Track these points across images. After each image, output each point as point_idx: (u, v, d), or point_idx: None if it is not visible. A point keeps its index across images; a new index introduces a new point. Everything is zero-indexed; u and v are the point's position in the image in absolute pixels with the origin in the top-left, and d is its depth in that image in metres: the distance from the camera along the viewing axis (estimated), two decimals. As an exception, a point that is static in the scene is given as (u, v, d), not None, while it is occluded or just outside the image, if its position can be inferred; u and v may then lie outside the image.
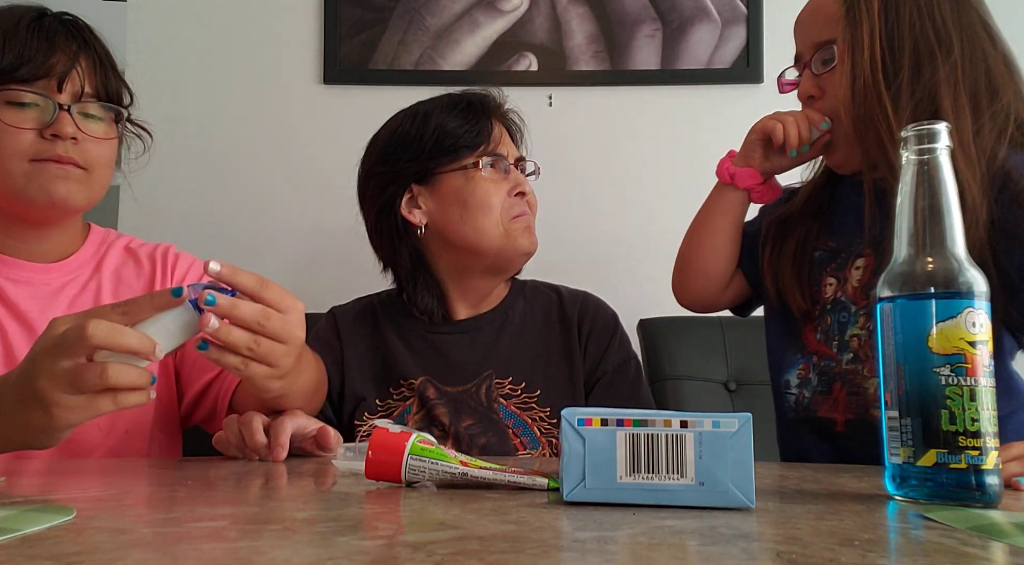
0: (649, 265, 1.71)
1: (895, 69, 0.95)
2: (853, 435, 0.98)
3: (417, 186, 1.18)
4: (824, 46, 1.00)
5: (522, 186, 1.19)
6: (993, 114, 0.93)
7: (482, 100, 1.21)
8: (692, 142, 1.75)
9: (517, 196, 1.18)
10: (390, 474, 0.62)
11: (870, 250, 1.01)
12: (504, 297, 1.25)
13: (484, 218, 1.15)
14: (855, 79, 0.96)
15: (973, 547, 0.42)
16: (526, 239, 1.18)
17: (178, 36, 1.80)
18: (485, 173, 1.16)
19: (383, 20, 1.77)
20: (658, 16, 1.77)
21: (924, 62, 0.94)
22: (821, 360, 1.03)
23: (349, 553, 0.38)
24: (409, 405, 1.15)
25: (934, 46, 0.94)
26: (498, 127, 1.20)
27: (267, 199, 1.76)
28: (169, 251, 1.16)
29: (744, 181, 1.09)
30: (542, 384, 1.16)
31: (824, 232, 1.08)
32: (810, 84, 1.03)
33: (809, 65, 1.03)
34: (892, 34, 0.95)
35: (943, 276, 0.58)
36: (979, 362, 0.56)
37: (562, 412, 0.55)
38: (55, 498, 0.57)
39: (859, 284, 1.00)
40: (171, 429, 1.12)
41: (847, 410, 0.98)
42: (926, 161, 0.60)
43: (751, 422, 0.54)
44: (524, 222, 1.18)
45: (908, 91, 0.94)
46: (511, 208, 1.17)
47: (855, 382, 0.98)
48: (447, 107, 1.19)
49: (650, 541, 0.42)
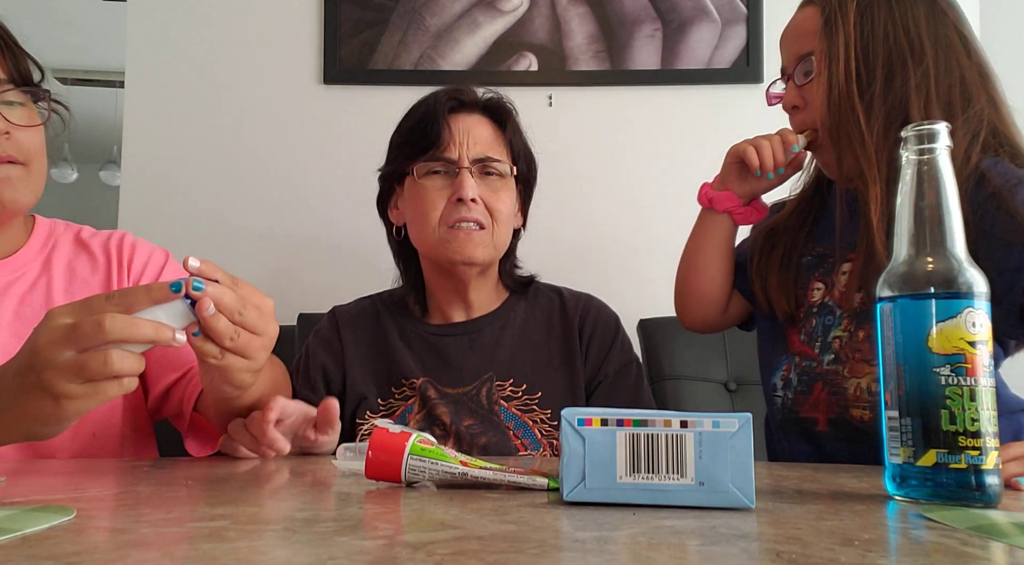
0: (649, 265, 1.72)
1: (869, 79, 0.97)
2: (835, 435, 0.99)
3: (397, 187, 1.23)
4: (805, 58, 1.03)
5: (460, 192, 1.13)
6: (967, 119, 0.95)
7: (436, 100, 1.18)
8: (692, 142, 1.76)
9: (458, 202, 1.14)
10: (390, 474, 0.62)
11: (855, 254, 1.02)
12: (506, 299, 1.25)
13: (421, 223, 1.16)
14: (831, 89, 0.98)
15: (973, 547, 0.42)
16: (458, 252, 1.14)
17: (178, 36, 1.80)
18: (422, 180, 1.16)
19: (383, 20, 1.77)
20: (658, 16, 1.77)
21: (896, 70, 0.96)
22: (803, 360, 1.04)
23: (349, 553, 0.38)
24: (411, 404, 1.15)
25: (906, 54, 0.96)
26: (457, 127, 1.16)
27: (267, 199, 1.76)
28: (124, 240, 1.10)
29: (722, 204, 1.11)
30: (543, 386, 1.16)
31: (811, 239, 1.10)
32: (793, 95, 1.05)
33: (792, 77, 1.05)
34: (867, 44, 0.98)
35: (943, 276, 0.58)
36: (979, 362, 0.56)
37: (562, 412, 0.55)
38: (55, 498, 0.57)
39: (845, 289, 1.02)
40: (142, 428, 1.09)
41: (828, 410, 1.00)
42: (926, 161, 0.60)
43: (751, 422, 0.54)
44: (462, 233, 1.14)
45: (881, 100, 0.96)
46: (449, 216, 1.14)
47: (835, 382, 1.00)
48: (416, 107, 1.21)
49: (650, 541, 0.42)
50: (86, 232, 1.11)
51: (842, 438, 0.99)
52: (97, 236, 1.11)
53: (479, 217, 1.15)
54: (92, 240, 1.10)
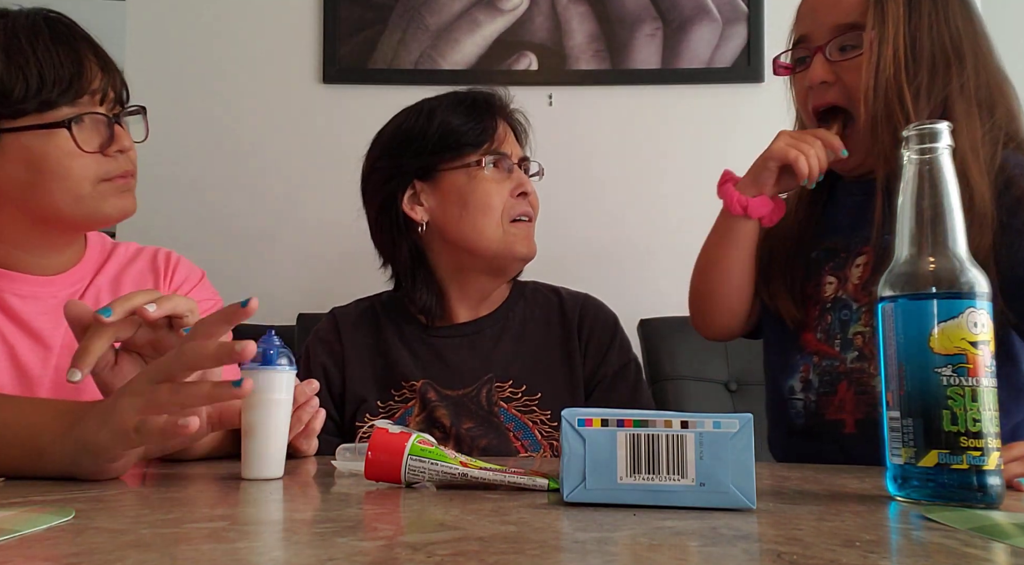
0: (649, 265, 1.71)
1: (915, 70, 0.94)
2: (864, 437, 0.95)
3: (420, 182, 1.18)
4: (848, 31, 0.96)
5: (524, 186, 1.18)
6: (994, 124, 0.94)
7: (487, 98, 1.20)
8: (693, 141, 1.75)
9: (519, 196, 1.17)
10: (390, 475, 0.62)
11: (870, 247, 1.00)
12: (504, 299, 1.25)
13: (484, 218, 1.14)
14: (880, 72, 0.93)
15: (975, 548, 0.42)
16: (524, 245, 1.16)
17: (178, 36, 1.80)
18: (487, 172, 1.15)
19: (383, 19, 1.77)
20: (658, 15, 1.76)
21: (940, 68, 0.94)
22: (823, 360, 1.01)
23: (349, 553, 0.38)
24: (410, 407, 1.15)
25: (950, 54, 0.94)
26: (503, 126, 1.19)
27: (266, 198, 1.76)
28: (171, 258, 1.13)
29: (758, 211, 1.02)
30: (543, 387, 1.16)
31: (819, 234, 1.07)
32: (826, 70, 0.98)
33: (824, 49, 0.98)
34: (915, 34, 0.94)
35: (945, 276, 0.58)
36: (981, 362, 0.56)
37: (562, 413, 0.55)
38: (55, 498, 0.57)
39: (860, 281, 1.00)
40: None
41: (856, 410, 0.97)
42: (927, 161, 0.60)
43: (752, 423, 0.54)
44: (524, 227, 1.17)
45: (926, 94, 0.94)
46: (512, 209, 1.16)
47: (862, 381, 0.97)
48: (452, 104, 1.19)
49: (651, 542, 0.42)
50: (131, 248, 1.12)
51: (871, 439, 0.94)
52: (143, 252, 1.12)
53: (533, 212, 1.19)
54: (138, 256, 1.11)
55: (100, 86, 0.94)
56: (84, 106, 0.92)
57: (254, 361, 0.70)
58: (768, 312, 1.11)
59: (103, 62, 0.96)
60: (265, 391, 0.70)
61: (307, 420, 0.91)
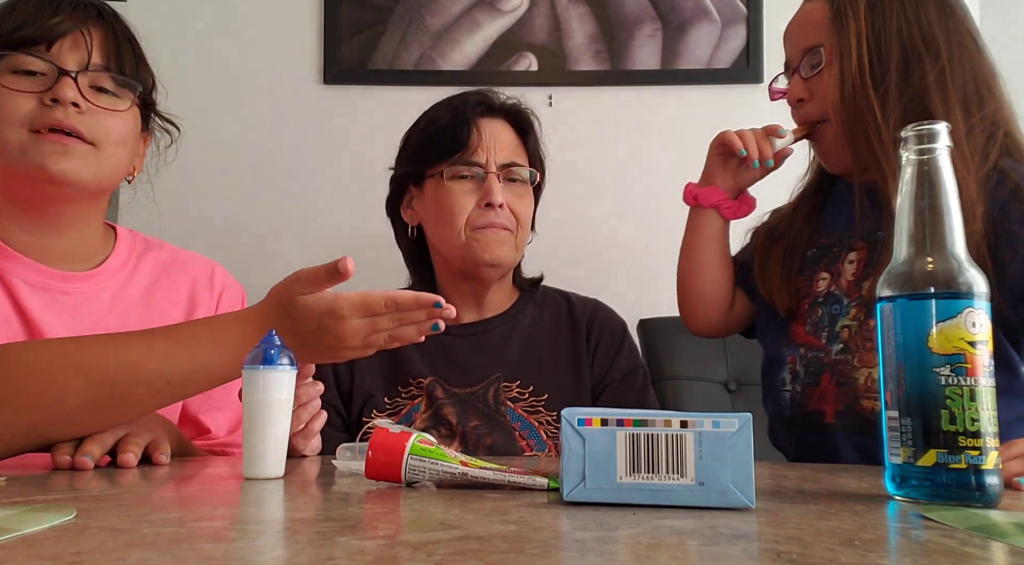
0: (649, 265, 1.71)
1: (882, 72, 0.97)
2: (843, 427, 0.98)
3: (413, 188, 1.22)
4: (812, 50, 1.03)
5: (491, 197, 1.14)
6: (983, 116, 0.96)
7: (466, 104, 1.18)
8: (692, 142, 1.74)
9: (487, 207, 1.15)
10: (390, 474, 0.62)
11: (862, 243, 1.02)
12: (515, 302, 1.26)
13: (446, 226, 1.16)
14: (843, 82, 0.98)
15: (973, 547, 0.42)
16: (487, 251, 1.14)
17: (178, 36, 1.80)
18: (449, 182, 1.16)
19: (383, 20, 1.77)
20: (658, 16, 1.77)
21: (913, 65, 0.97)
22: (809, 352, 1.04)
23: (349, 553, 0.38)
24: (417, 404, 1.16)
25: (922, 50, 0.97)
26: (484, 132, 1.16)
27: (266, 199, 1.76)
28: (216, 273, 1.09)
29: (708, 199, 1.11)
30: (550, 389, 1.16)
31: (815, 232, 1.10)
32: (799, 88, 1.05)
33: (798, 70, 1.05)
34: (879, 38, 0.98)
35: (943, 276, 0.58)
36: (979, 362, 0.56)
37: (562, 412, 0.55)
38: (55, 498, 0.57)
39: (853, 277, 1.02)
40: None
41: (836, 401, 0.99)
42: (926, 161, 0.60)
43: (751, 422, 0.54)
44: (491, 233, 1.14)
45: (896, 93, 0.96)
46: (478, 219, 1.14)
47: (844, 372, 0.99)
48: (439, 109, 1.21)
49: (650, 541, 0.42)
50: (168, 252, 1.09)
51: (850, 430, 0.97)
52: (188, 264, 1.09)
53: (506, 222, 1.16)
54: (178, 267, 1.08)
55: (60, 35, 0.91)
56: (39, 53, 0.90)
57: (254, 361, 0.70)
58: (762, 307, 1.13)
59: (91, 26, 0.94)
60: (265, 391, 0.70)
61: (306, 420, 0.91)
